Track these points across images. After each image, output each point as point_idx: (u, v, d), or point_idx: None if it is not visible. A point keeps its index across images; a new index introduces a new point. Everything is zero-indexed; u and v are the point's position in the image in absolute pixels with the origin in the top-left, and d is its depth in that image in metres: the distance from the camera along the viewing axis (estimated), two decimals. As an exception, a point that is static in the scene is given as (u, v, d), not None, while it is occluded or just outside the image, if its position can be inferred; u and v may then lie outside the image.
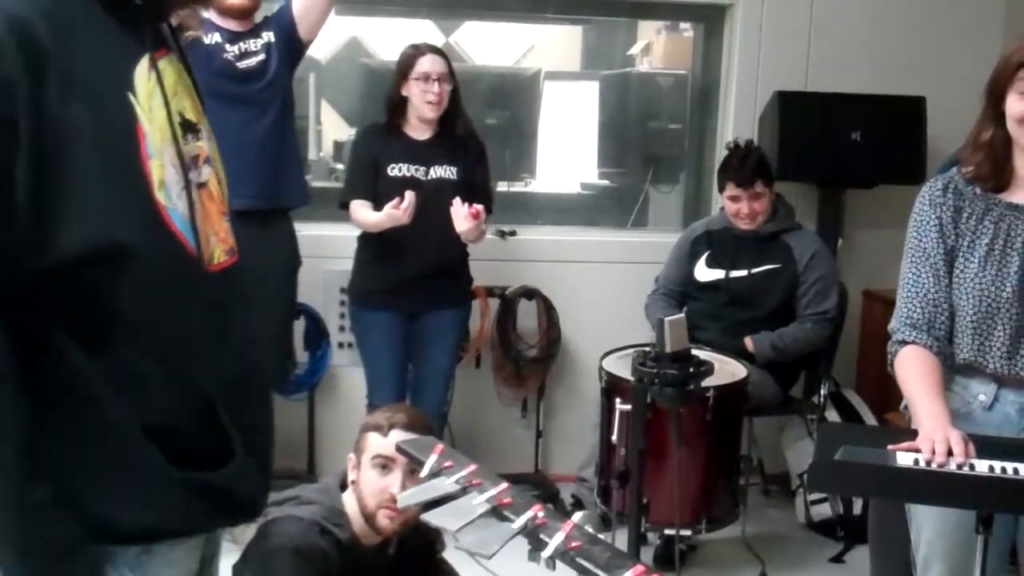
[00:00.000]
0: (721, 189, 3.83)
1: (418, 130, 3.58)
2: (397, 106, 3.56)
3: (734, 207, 3.77)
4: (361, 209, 3.52)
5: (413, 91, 3.51)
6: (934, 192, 2.27)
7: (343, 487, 2.36)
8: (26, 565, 1.10)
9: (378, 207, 3.45)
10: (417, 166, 3.54)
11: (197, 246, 1.28)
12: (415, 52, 3.54)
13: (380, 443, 2.29)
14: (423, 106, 3.51)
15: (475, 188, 3.60)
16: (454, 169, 3.57)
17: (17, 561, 1.10)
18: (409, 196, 3.36)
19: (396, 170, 3.52)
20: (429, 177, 3.54)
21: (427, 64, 3.50)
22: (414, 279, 3.55)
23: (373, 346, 3.63)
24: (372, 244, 3.57)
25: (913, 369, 2.18)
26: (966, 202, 2.22)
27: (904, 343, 2.22)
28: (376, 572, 2.32)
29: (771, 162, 3.85)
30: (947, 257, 2.24)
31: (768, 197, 3.77)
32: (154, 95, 1.24)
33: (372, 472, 2.29)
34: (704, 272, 3.83)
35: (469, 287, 3.77)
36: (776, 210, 3.82)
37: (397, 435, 2.26)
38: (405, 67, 3.52)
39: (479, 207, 3.45)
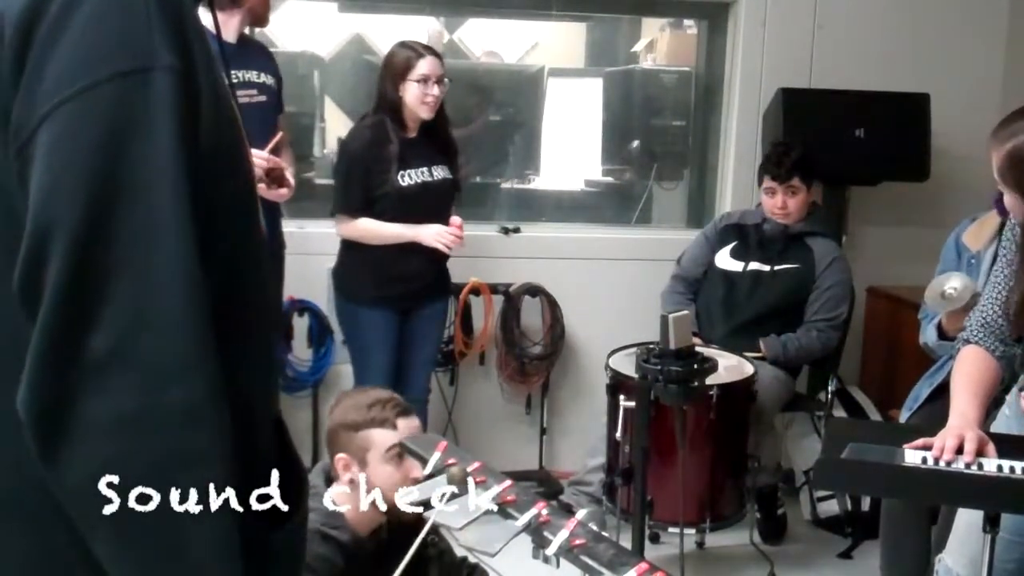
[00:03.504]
0: (760, 183, 3.86)
1: (410, 131, 3.57)
2: (396, 107, 3.53)
3: (770, 201, 3.79)
4: (373, 222, 3.52)
5: (411, 92, 3.49)
6: None
7: (327, 483, 2.32)
8: None
9: (387, 212, 3.51)
10: (421, 168, 3.56)
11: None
12: (414, 54, 3.51)
13: (390, 437, 2.27)
14: (419, 107, 3.50)
15: (459, 184, 3.73)
16: (447, 168, 3.63)
17: None
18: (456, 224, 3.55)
19: (407, 177, 3.53)
20: (434, 178, 3.58)
21: (427, 66, 3.49)
22: (416, 280, 3.61)
23: (373, 343, 3.62)
24: (372, 245, 3.56)
25: (963, 368, 2.21)
26: None
27: (968, 342, 2.23)
28: (376, 559, 2.31)
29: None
30: None
31: (804, 195, 3.78)
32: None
33: (387, 466, 2.25)
34: (726, 261, 3.84)
35: (449, 279, 3.81)
36: (810, 212, 3.84)
37: (404, 423, 2.27)
38: (403, 68, 3.50)
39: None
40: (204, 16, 1.16)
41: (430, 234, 3.53)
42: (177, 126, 0.91)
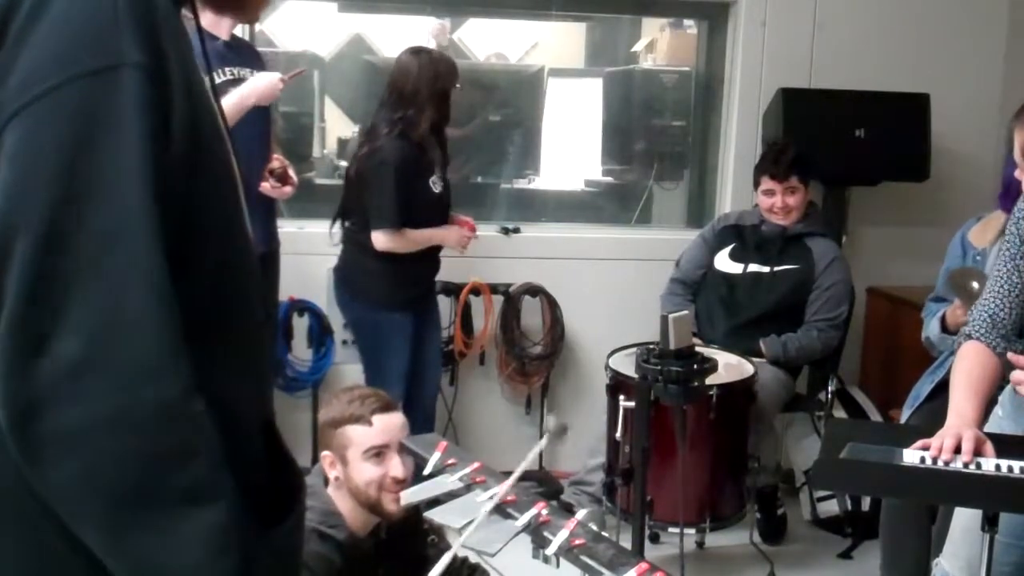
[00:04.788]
0: (756, 184, 3.85)
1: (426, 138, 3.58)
2: (440, 113, 3.54)
3: (768, 201, 3.78)
4: (416, 231, 3.53)
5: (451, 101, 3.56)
6: None
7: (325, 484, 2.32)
8: None
9: (421, 219, 3.53)
10: (441, 174, 3.60)
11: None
12: (455, 65, 3.57)
13: (368, 434, 2.23)
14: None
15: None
16: (444, 172, 3.65)
17: None
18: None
19: (436, 185, 3.56)
20: (445, 180, 3.62)
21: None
22: (427, 279, 3.69)
23: (398, 348, 3.62)
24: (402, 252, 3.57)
25: (963, 364, 2.19)
26: None
27: (970, 337, 2.22)
28: (374, 559, 2.31)
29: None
30: None
31: (803, 193, 3.78)
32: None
33: (367, 464, 2.22)
34: (725, 263, 3.85)
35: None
36: (808, 213, 3.84)
37: (381, 420, 2.25)
38: (455, 78, 3.54)
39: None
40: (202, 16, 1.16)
41: (455, 237, 3.61)
42: (145, 124, 0.91)
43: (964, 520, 2.21)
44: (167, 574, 0.92)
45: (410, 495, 1.90)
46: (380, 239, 3.48)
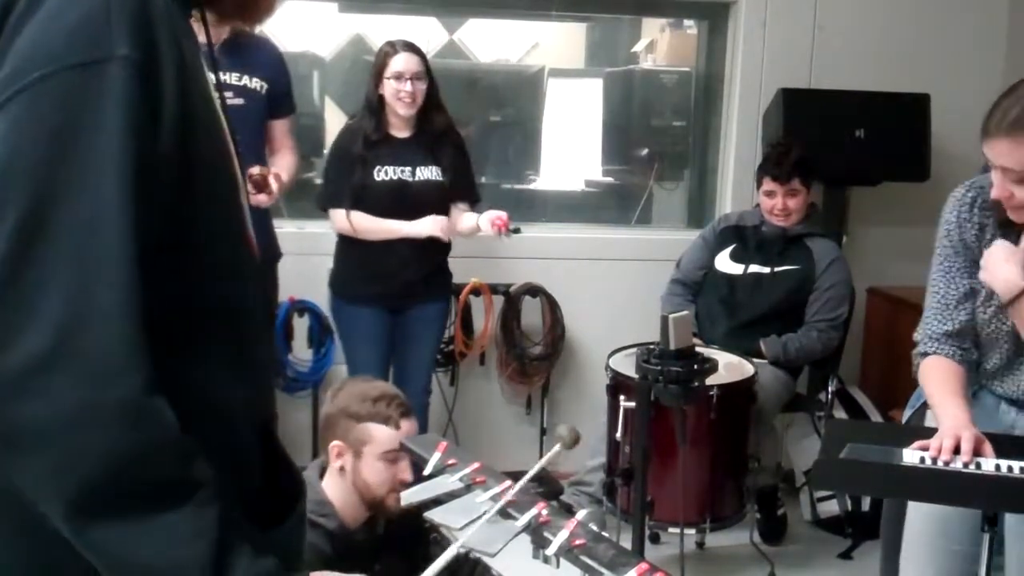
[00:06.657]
0: (759, 184, 3.85)
1: (398, 128, 3.58)
2: (376, 106, 3.55)
3: (769, 202, 3.78)
4: (368, 218, 3.53)
5: (387, 90, 3.52)
6: (962, 207, 2.22)
7: (321, 475, 2.33)
8: None
9: (365, 209, 3.53)
10: (403, 167, 3.56)
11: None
12: (389, 51, 3.54)
13: (392, 437, 2.26)
14: (396, 103, 3.52)
15: (458, 184, 3.65)
16: (438, 169, 3.60)
17: None
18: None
19: (383, 173, 3.54)
20: (416, 179, 3.57)
21: (400, 63, 3.50)
22: (400, 278, 3.59)
23: (358, 341, 3.66)
24: (359, 242, 3.58)
25: (934, 377, 2.20)
26: (990, 220, 2.19)
27: (926, 355, 2.23)
28: (368, 552, 2.31)
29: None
30: (972, 269, 2.20)
31: (804, 196, 3.78)
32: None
33: (380, 464, 2.26)
34: (726, 264, 3.85)
35: (450, 281, 3.80)
36: (808, 214, 3.84)
37: (405, 425, 2.28)
38: (380, 66, 3.54)
39: (504, 218, 3.57)
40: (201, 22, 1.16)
41: (425, 226, 3.54)
42: (129, 118, 0.91)
43: (917, 535, 2.22)
44: (134, 569, 0.92)
45: (410, 495, 1.90)
46: (332, 219, 3.59)
